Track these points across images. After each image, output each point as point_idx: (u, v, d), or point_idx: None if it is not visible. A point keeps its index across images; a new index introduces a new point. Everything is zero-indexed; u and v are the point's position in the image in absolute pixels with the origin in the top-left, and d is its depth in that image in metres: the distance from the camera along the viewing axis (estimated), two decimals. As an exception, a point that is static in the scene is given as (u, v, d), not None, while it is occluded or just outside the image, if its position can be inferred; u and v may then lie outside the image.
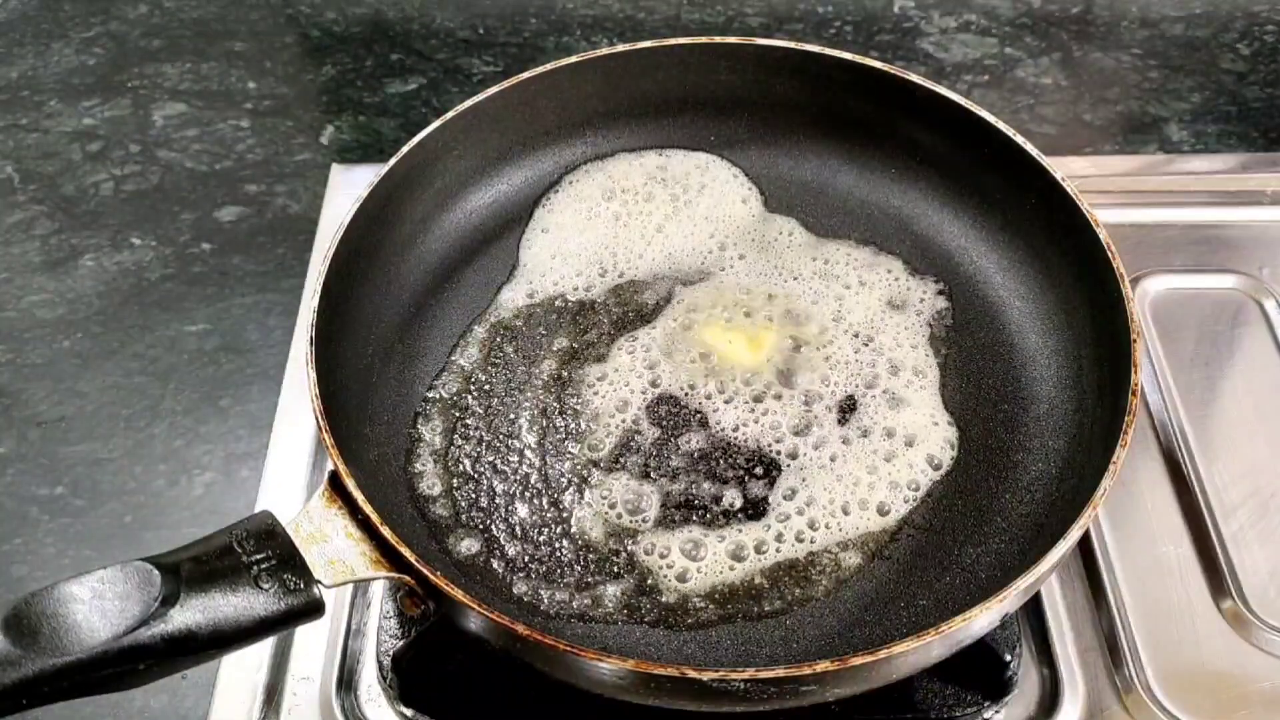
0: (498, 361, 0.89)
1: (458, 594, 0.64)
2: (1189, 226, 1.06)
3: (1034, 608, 0.83)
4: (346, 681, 0.80)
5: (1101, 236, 0.81)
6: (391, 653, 0.78)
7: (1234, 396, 0.95)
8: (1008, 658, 0.77)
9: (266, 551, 0.63)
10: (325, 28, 1.33)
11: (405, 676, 0.78)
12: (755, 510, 0.80)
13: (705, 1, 1.34)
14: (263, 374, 1.01)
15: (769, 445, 0.83)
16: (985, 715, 0.77)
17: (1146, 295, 1.01)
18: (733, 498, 0.80)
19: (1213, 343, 0.98)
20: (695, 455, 0.83)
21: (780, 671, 0.62)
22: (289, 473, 0.91)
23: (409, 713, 0.78)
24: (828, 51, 0.94)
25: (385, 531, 0.67)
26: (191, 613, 0.59)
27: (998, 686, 0.77)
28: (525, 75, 0.93)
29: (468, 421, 0.85)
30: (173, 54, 1.30)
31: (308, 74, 1.28)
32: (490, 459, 0.83)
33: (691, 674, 0.62)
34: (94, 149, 1.20)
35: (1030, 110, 1.22)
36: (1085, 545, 0.86)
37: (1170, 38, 1.29)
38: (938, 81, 0.92)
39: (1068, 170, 1.09)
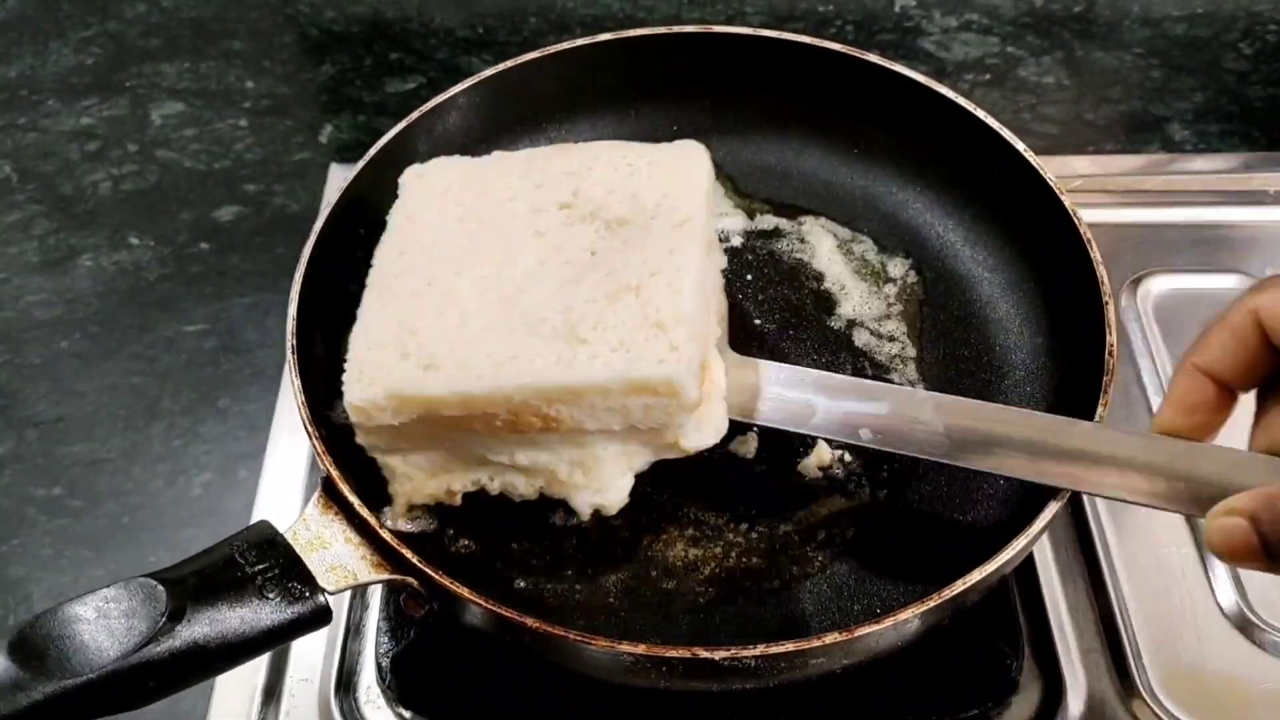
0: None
1: (463, 591, 0.64)
2: (1191, 226, 1.06)
3: (1036, 609, 0.82)
4: (345, 683, 0.80)
5: (1066, 202, 0.82)
6: (391, 654, 0.78)
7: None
8: (1009, 659, 0.77)
9: (269, 561, 0.63)
10: (324, 26, 1.33)
11: (404, 678, 0.78)
12: (749, 490, 0.80)
13: (706, 0, 1.34)
14: (261, 374, 1.01)
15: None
16: (988, 717, 0.77)
17: (1149, 295, 1.00)
18: (727, 479, 0.80)
19: (1216, 343, 0.97)
20: None
21: (790, 646, 0.62)
22: (288, 473, 0.90)
23: (407, 714, 0.78)
24: (784, 36, 0.94)
25: (384, 534, 0.66)
26: (199, 627, 0.59)
27: (1000, 688, 0.77)
28: (486, 73, 0.93)
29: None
30: (171, 53, 1.30)
31: (306, 73, 1.28)
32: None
33: (703, 654, 0.62)
34: (92, 148, 1.20)
35: (1032, 110, 1.22)
36: (1087, 546, 0.85)
37: (1172, 37, 1.29)
38: (939, 81, 0.91)
39: (1070, 170, 1.10)
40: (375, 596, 0.83)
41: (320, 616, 0.63)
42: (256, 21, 1.33)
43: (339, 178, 1.13)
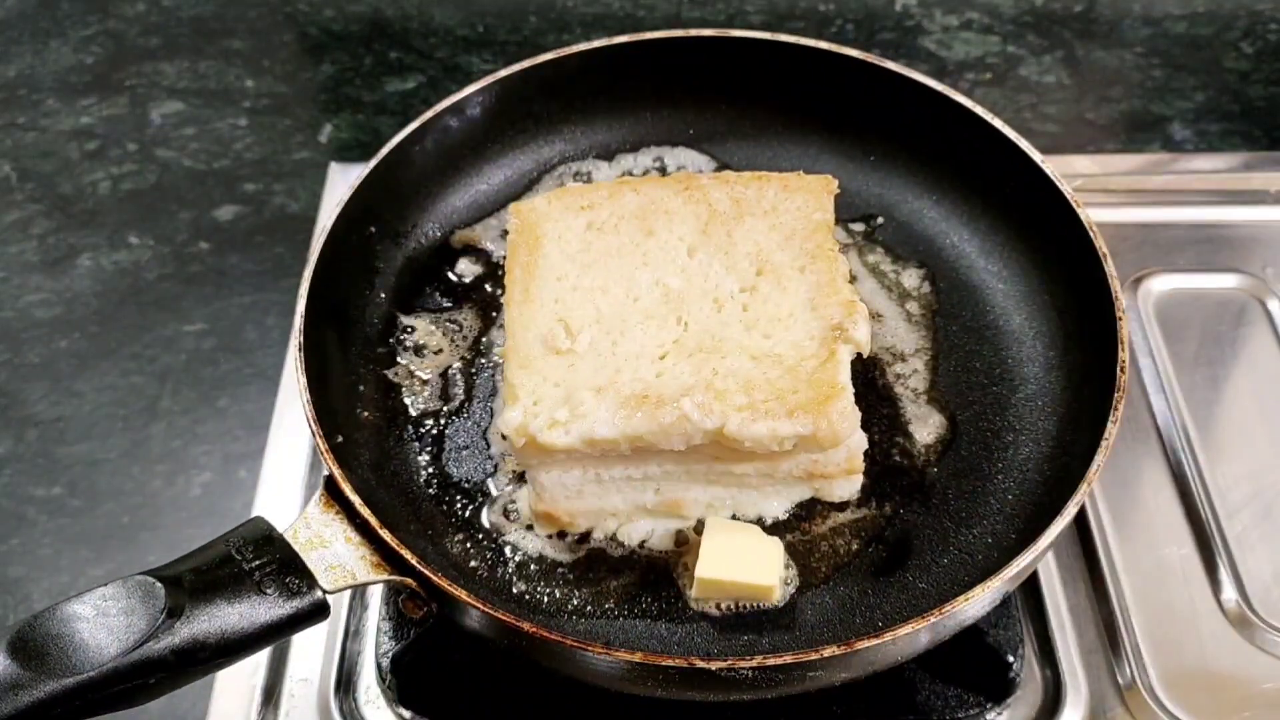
0: (484, 361, 0.88)
1: (461, 594, 0.64)
2: (1192, 226, 1.06)
3: (1037, 609, 0.82)
4: (345, 683, 0.80)
5: (1083, 216, 0.82)
6: (390, 654, 0.78)
7: (1237, 397, 0.94)
8: (1010, 659, 0.77)
9: (266, 557, 0.63)
10: (324, 25, 1.32)
11: (404, 678, 0.78)
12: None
13: (706, 0, 1.34)
14: (260, 374, 1.01)
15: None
16: (988, 717, 0.77)
17: (1150, 295, 1.00)
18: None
19: (1216, 343, 0.97)
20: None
21: (788, 658, 0.62)
22: (287, 473, 0.90)
23: (407, 714, 0.78)
24: (802, 42, 0.94)
25: (385, 535, 0.66)
26: (198, 623, 0.59)
27: (1000, 688, 0.77)
28: (501, 73, 0.93)
29: (456, 423, 0.84)
30: (171, 52, 1.30)
31: (306, 72, 1.28)
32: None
33: (700, 664, 0.62)
34: (92, 148, 1.20)
35: (1033, 109, 1.22)
36: (1088, 546, 0.85)
37: (1173, 36, 1.29)
38: (940, 80, 0.91)
39: (1071, 169, 1.09)
40: (375, 597, 0.83)
41: (318, 611, 0.63)
42: (256, 21, 1.33)
43: (339, 177, 1.13)
